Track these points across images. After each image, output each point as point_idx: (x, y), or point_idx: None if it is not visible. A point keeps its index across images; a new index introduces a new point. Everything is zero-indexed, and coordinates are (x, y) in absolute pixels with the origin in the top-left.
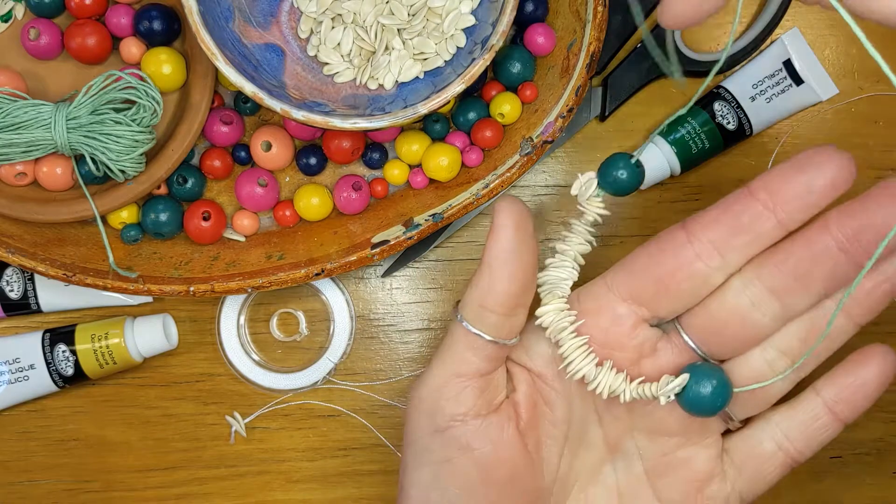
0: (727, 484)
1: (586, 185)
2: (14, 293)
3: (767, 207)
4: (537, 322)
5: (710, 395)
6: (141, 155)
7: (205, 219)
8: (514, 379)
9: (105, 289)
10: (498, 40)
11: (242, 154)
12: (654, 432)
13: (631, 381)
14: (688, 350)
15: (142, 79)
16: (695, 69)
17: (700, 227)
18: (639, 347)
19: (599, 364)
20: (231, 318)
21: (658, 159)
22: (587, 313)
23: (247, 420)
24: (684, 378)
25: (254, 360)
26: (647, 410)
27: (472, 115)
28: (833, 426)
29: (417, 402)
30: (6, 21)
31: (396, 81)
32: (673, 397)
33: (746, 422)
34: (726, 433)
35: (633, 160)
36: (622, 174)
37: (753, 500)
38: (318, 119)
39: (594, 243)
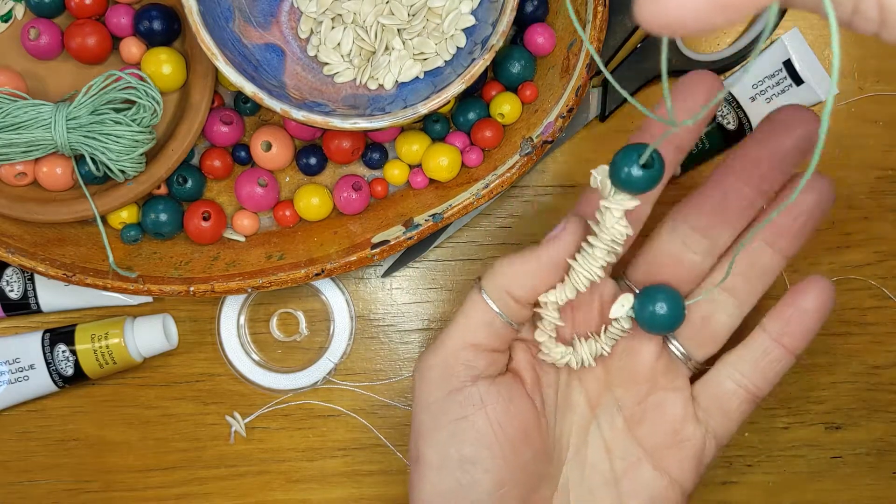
0: (700, 426)
1: (602, 182)
2: (14, 293)
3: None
4: (536, 310)
5: (664, 310)
6: (141, 155)
7: (205, 219)
8: (512, 349)
9: (105, 289)
10: (498, 40)
11: (242, 154)
12: (627, 382)
13: (598, 333)
14: None
15: (142, 79)
16: (694, 69)
17: None
18: (600, 301)
19: (570, 345)
20: (231, 318)
21: None
22: None
23: (247, 420)
24: (627, 297)
25: (254, 360)
26: (620, 366)
27: (472, 115)
28: (784, 358)
29: (428, 370)
30: (6, 21)
31: (396, 81)
32: (630, 313)
33: (708, 366)
34: (692, 381)
35: (643, 156)
36: (636, 172)
37: (727, 442)
38: (318, 119)
39: (627, 233)
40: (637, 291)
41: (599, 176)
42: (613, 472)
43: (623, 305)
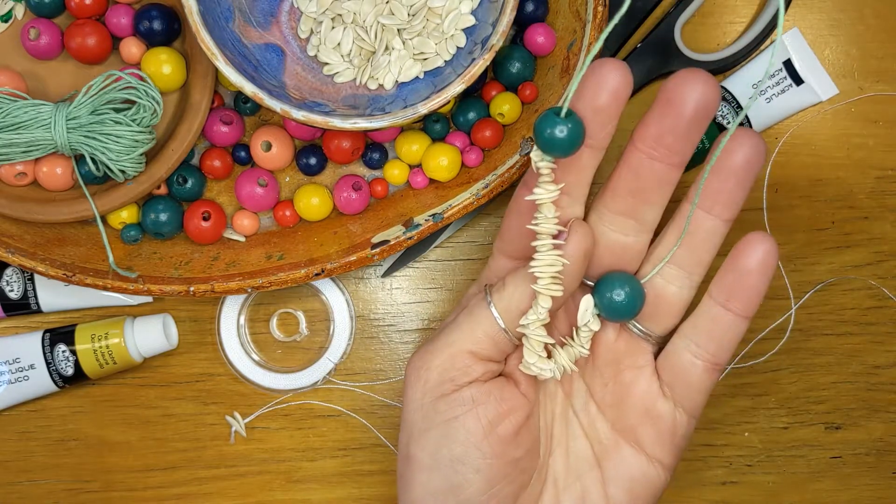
0: (668, 400)
1: (536, 154)
2: (14, 293)
3: None
4: (520, 328)
5: (622, 297)
6: (141, 155)
7: (205, 219)
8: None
9: (105, 289)
10: (498, 40)
11: (242, 154)
12: (591, 367)
13: (570, 337)
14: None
15: (142, 79)
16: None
17: (532, 181)
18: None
19: (550, 356)
20: (231, 318)
21: None
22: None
23: (247, 420)
24: (587, 298)
25: (254, 360)
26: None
27: (472, 115)
28: (736, 324)
29: (425, 372)
30: (6, 21)
31: (396, 81)
32: (595, 312)
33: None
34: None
35: (561, 114)
36: (560, 132)
37: (699, 413)
38: (318, 119)
39: (555, 191)
40: (592, 284)
41: (535, 157)
42: (595, 456)
43: (587, 309)
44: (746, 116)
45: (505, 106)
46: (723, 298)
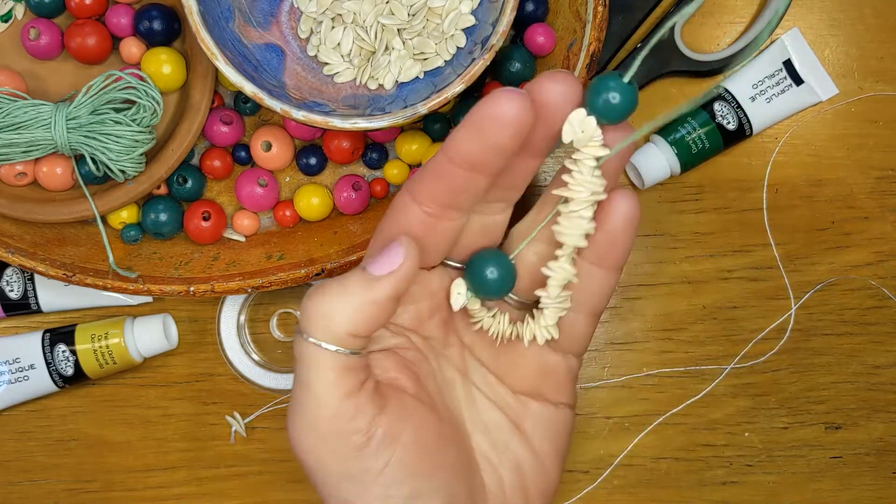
0: (557, 352)
1: (581, 124)
2: (14, 293)
3: (455, 164)
4: (541, 296)
5: (495, 274)
6: (141, 155)
7: (205, 219)
8: (374, 366)
9: (105, 289)
10: (498, 40)
11: (242, 154)
12: (479, 341)
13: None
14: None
15: (142, 79)
16: (695, 69)
17: (419, 190)
18: (439, 293)
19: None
20: (231, 318)
21: (658, 159)
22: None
23: (247, 420)
24: (458, 282)
25: (254, 360)
26: (464, 326)
27: None
28: (608, 278)
29: (322, 443)
30: (6, 21)
31: (396, 81)
32: (469, 296)
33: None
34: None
35: (623, 78)
36: (614, 97)
37: (585, 351)
38: (318, 119)
39: (603, 183)
40: (461, 267)
41: (577, 119)
42: (511, 422)
43: (459, 294)
44: (748, 117)
45: None
46: (595, 258)
